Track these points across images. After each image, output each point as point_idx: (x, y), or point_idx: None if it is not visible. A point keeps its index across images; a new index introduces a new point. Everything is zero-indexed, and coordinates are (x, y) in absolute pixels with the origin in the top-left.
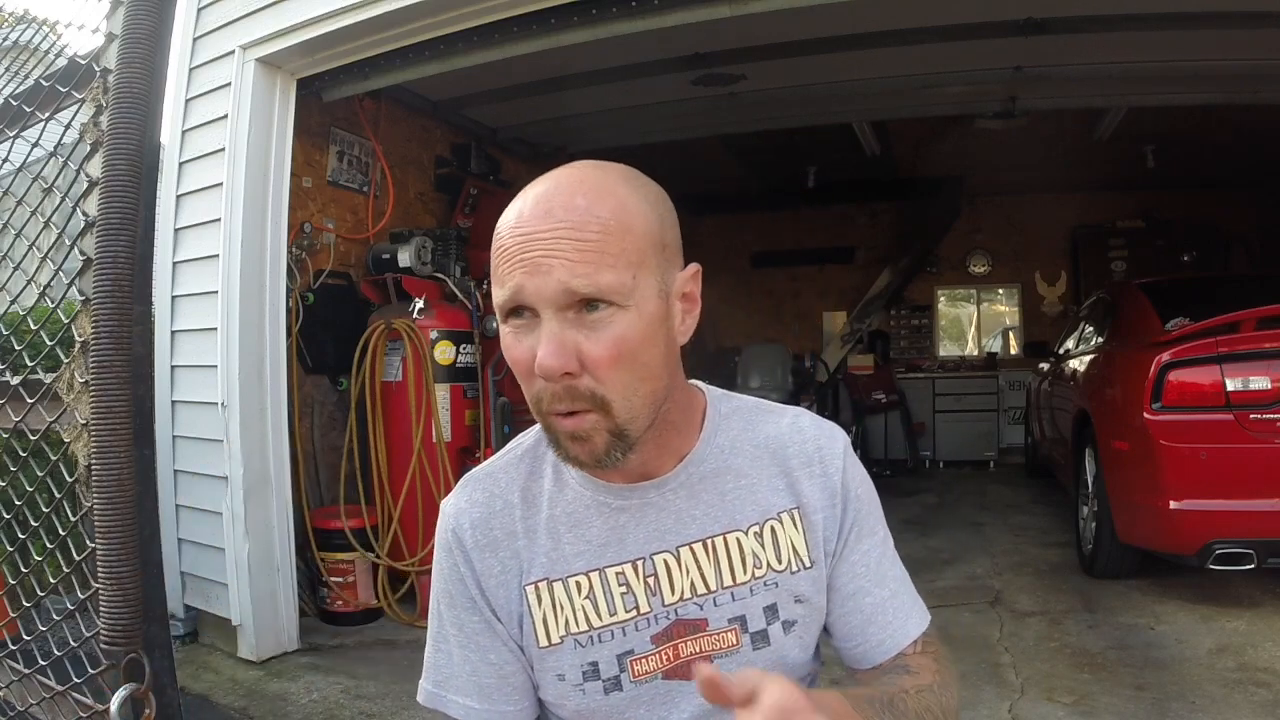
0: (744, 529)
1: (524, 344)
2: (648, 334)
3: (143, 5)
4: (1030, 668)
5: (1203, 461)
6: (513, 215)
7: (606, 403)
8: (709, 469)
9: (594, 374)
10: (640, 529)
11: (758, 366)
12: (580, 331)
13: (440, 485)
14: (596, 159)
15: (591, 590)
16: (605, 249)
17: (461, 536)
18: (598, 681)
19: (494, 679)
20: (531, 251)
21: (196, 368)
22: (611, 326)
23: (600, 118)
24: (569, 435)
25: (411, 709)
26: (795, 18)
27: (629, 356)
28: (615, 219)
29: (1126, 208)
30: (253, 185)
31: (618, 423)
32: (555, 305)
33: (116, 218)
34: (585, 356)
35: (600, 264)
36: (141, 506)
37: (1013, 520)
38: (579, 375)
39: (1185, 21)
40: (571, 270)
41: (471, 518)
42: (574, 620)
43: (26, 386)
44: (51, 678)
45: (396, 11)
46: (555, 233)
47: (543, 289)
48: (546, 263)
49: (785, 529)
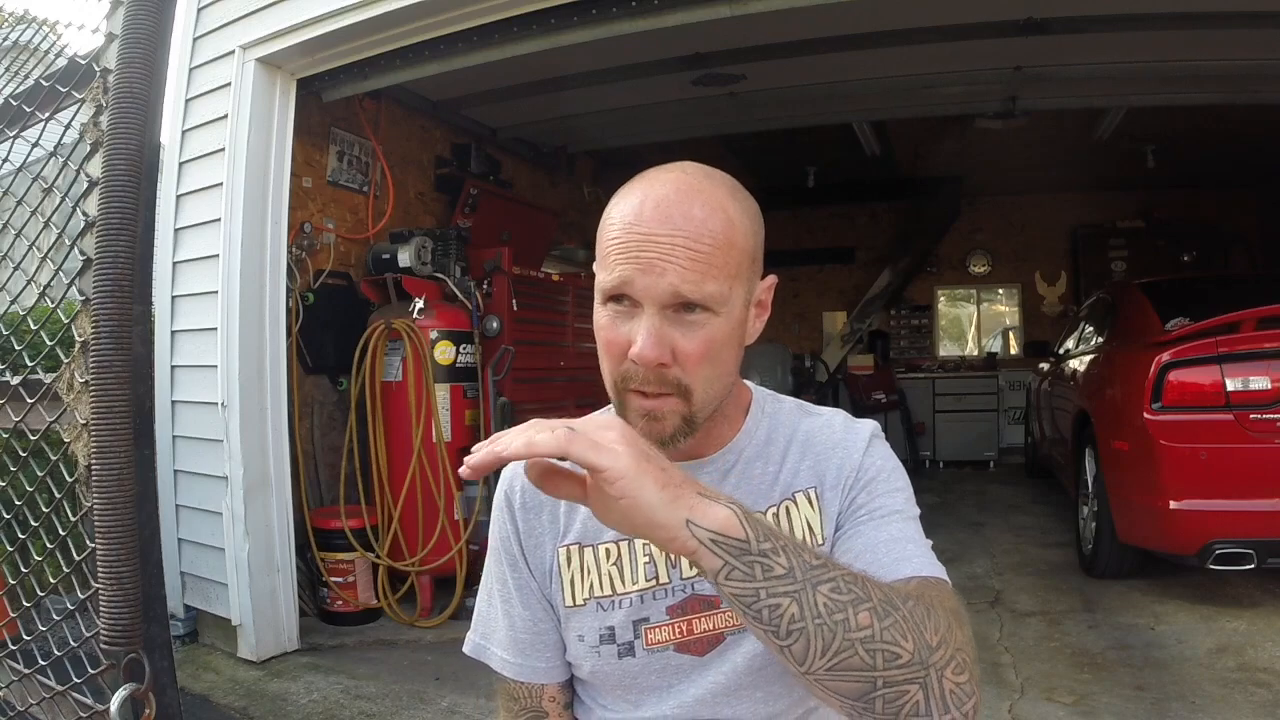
0: (763, 510)
1: (621, 329)
2: (732, 337)
3: (143, 5)
4: (1030, 668)
5: (1202, 461)
6: (630, 211)
7: (689, 391)
8: (746, 456)
9: (683, 367)
10: None
11: (758, 366)
12: (677, 329)
13: (440, 485)
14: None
15: (619, 558)
16: (713, 261)
17: (512, 497)
18: (613, 645)
19: (529, 634)
20: (647, 251)
21: (196, 368)
22: (706, 329)
23: (600, 118)
24: (644, 413)
25: (412, 709)
26: (795, 18)
27: (714, 355)
28: (725, 234)
29: (1126, 208)
30: (253, 185)
31: (693, 409)
32: (660, 303)
33: (116, 218)
34: (679, 351)
35: (707, 274)
36: (141, 506)
37: (1013, 520)
38: (670, 366)
39: (1185, 21)
40: (683, 276)
41: (524, 481)
42: (599, 584)
43: (26, 386)
44: (51, 678)
45: (396, 11)
46: (673, 239)
47: (652, 288)
48: (661, 265)
49: (800, 508)
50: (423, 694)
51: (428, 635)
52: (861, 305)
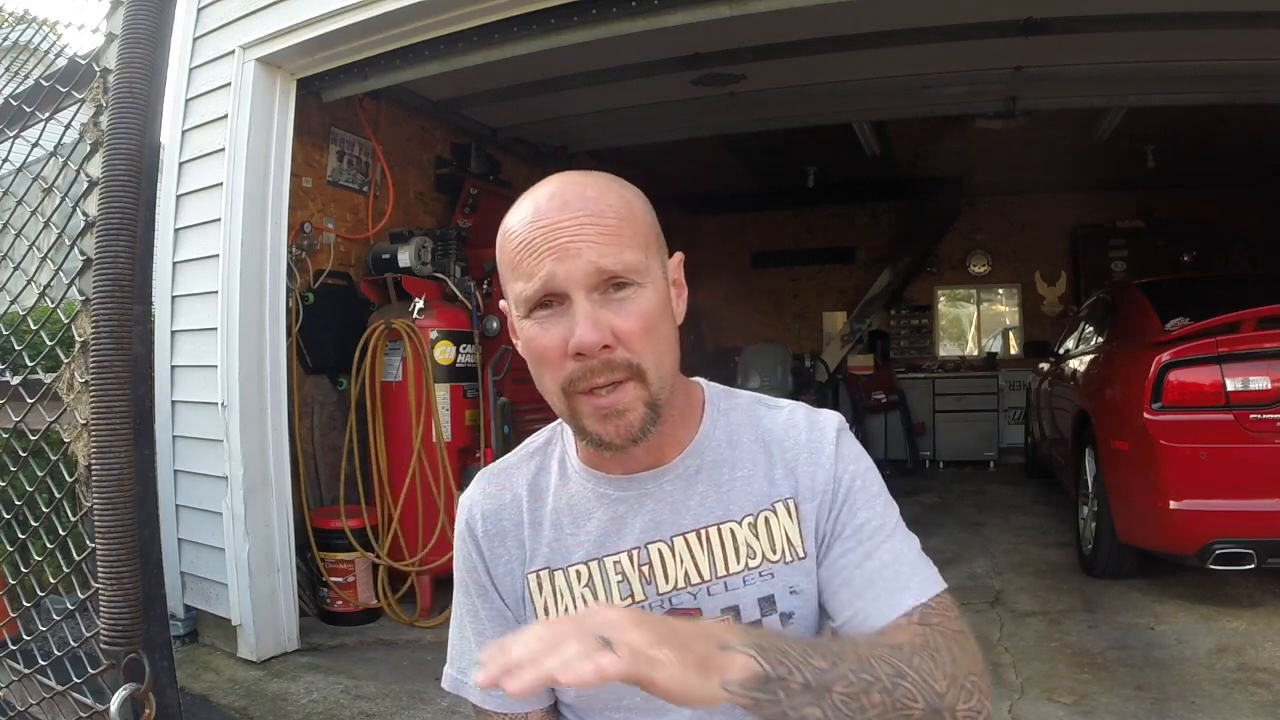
0: (738, 519)
1: (552, 332)
2: (663, 309)
3: (143, 5)
4: (1030, 668)
5: (1203, 461)
6: (527, 212)
7: (642, 370)
8: (707, 460)
9: (628, 345)
10: (638, 519)
11: (758, 366)
12: (609, 309)
13: (440, 485)
14: (596, 159)
15: (591, 579)
16: (621, 231)
17: (474, 527)
18: None
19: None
20: (558, 239)
21: (196, 368)
22: (637, 301)
23: (600, 118)
24: (604, 414)
25: (411, 709)
26: (795, 18)
27: (654, 328)
28: (624, 207)
29: (1126, 208)
30: (253, 185)
31: (651, 391)
32: (586, 286)
33: (116, 218)
34: (619, 330)
35: (621, 244)
36: (141, 506)
37: (1013, 520)
38: (614, 348)
39: (1185, 21)
40: (600, 251)
41: (484, 509)
42: (573, 607)
43: (26, 386)
44: (51, 678)
45: (396, 11)
46: (577, 220)
47: (573, 272)
48: (575, 246)
49: (779, 519)
50: (423, 694)
51: (428, 635)
52: (861, 305)
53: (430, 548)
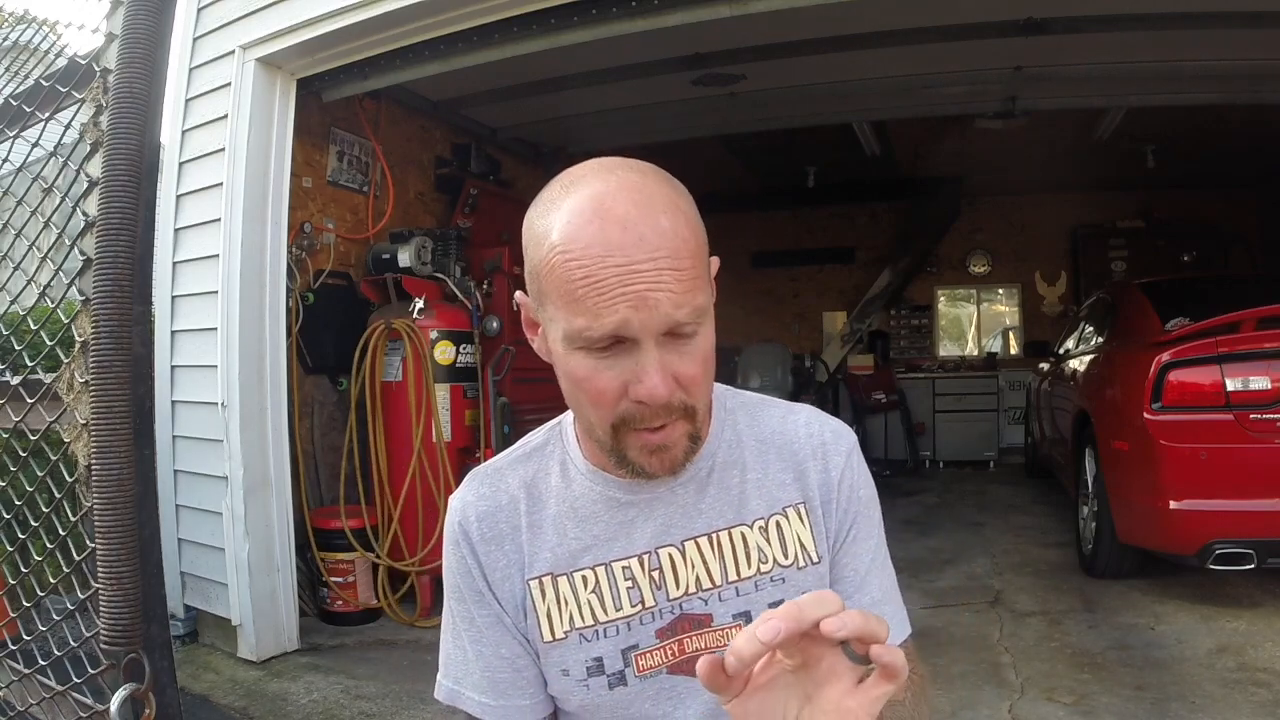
0: (749, 524)
1: (610, 374)
2: (714, 340)
3: (143, 5)
4: (1030, 668)
5: (1203, 461)
6: (593, 237)
7: (693, 411)
8: (717, 463)
9: (687, 390)
10: (648, 523)
11: (758, 366)
12: (673, 353)
13: (440, 485)
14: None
15: (598, 585)
16: (696, 274)
17: (468, 530)
18: (602, 677)
19: (507, 673)
20: (634, 285)
21: (196, 368)
22: (700, 343)
23: (600, 118)
24: (652, 449)
25: (411, 709)
26: (795, 18)
27: (711, 369)
28: (694, 238)
29: (1126, 208)
30: (253, 185)
31: (696, 425)
32: (657, 334)
33: (116, 218)
34: (681, 376)
35: (695, 290)
36: (141, 506)
37: (1013, 520)
38: (674, 392)
39: (1185, 21)
40: (675, 302)
41: (478, 511)
42: (579, 615)
43: (26, 386)
44: (51, 678)
45: (396, 11)
46: (655, 262)
47: (649, 322)
48: (654, 297)
49: (791, 524)
50: (423, 694)
51: (428, 635)
52: (861, 305)
53: (430, 548)
